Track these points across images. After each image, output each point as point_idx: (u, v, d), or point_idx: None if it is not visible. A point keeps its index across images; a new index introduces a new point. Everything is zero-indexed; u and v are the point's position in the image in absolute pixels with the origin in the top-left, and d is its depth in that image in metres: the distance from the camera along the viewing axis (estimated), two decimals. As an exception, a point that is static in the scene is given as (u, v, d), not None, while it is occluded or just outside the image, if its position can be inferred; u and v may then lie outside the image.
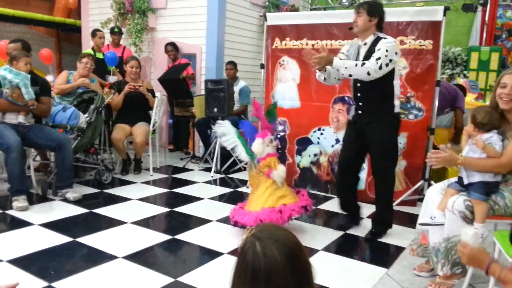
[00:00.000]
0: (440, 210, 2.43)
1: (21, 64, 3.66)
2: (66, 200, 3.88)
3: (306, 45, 4.59)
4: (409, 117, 4.17)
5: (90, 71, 4.79)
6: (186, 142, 6.58)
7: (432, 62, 4.07)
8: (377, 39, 3.04)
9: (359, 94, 3.19)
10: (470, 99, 5.41)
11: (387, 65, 2.94)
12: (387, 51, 2.93)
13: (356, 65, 2.95)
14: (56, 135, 3.91)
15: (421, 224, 2.60)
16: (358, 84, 3.15)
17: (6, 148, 3.54)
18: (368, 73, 2.93)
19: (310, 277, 1.05)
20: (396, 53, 3.01)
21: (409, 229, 3.43)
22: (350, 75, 3.01)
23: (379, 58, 2.91)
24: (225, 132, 3.34)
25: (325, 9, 7.89)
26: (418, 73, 4.13)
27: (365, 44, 3.11)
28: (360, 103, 3.21)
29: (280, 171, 3.24)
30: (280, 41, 4.80)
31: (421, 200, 3.14)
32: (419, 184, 4.12)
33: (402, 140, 4.18)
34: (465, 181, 2.42)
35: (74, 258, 2.77)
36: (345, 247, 3.18)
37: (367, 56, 3.03)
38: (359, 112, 3.23)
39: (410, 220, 3.65)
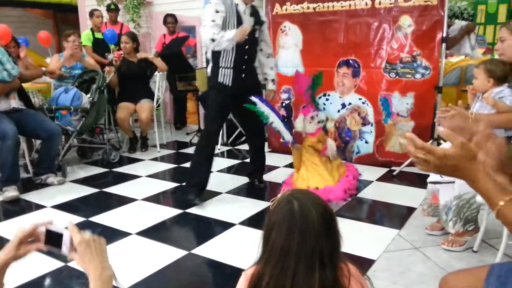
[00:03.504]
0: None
1: None
2: (75, 181, 3.91)
3: (307, 9, 4.48)
4: (415, 77, 4.08)
5: (80, 49, 4.66)
6: (184, 118, 6.56)
7: (438, 18, 3.95)
8: (253, 8, 3.34)
9: (244, 67, 3.33)
10: (477, 54, 5.28)
11: None
12: None
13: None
14: (48, 125, 3.77)
15: (430, 182, 2.58)
16: (246, 57, 3.31)
17: (2, 136, 3.44)
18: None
19: (340, 246, 1.06)
20: None
21: (419, 189, 3.41)
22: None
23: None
24: (265, 116, 3.18)
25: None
26: (424, 30, 4.01)
27: (246, 12, 3.26)
28: (245, 67, 3.33)
29: (332, 145, 3.23)
30: (280, 6, 4.67)
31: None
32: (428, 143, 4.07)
33: (409, 100, 4.11)
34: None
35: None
36: (356, 210, 3.19)
37: (257, 22, 3.32)
38: (243, 76, 3.33)
39: (420, 181, 3.62)
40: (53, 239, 1.02)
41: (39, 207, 3.30)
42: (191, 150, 5.11)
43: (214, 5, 3.14)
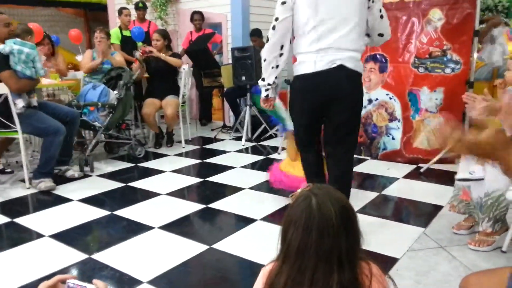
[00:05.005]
0: (479, 165, 2.31)
1: (33, 39, 3.61)
2: (102, 175, 3.99)
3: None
4: (445, 71, 3.96)
5: (103, 44, 4.69)
6: (209, 114, 6.60)
7: (470, 11, 3.81)
8: None
9: None
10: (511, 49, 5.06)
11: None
12: None
13: None
14: (68, 109, 3.93)
15: (459, 180, 2.49)
16: None
17: (56, 131, 3.59)
18: None
19: (359, 244, 1.03)
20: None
21: (447, 187, 3.30)
22: None
23: None
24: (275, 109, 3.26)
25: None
26: (455, 23, 3.88)
27: None
28: None
29: None
30: (305, 1, 4.61)
31: (459, 157, 3.00)
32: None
33: (438, 96, 3.99)
34: (508, 133, 2.27)
35: (112, 230, 2.85)
36: (380, 207, 3.12)
37: None
38: None
39: (448, 178, 3.52)
40: None
41: (66, 200, 3.38)
42: (215, 146, 5.15)
43: None
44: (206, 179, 3.84)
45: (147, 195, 3.47)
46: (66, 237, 2.71)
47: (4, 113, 3.49)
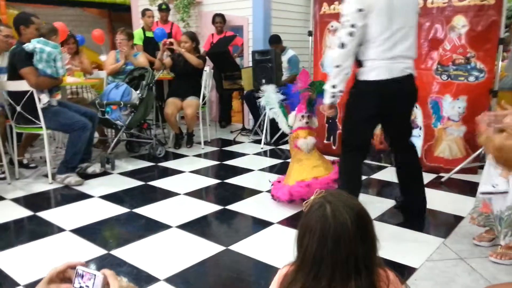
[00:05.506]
0: (503, 177, 2.26)
1: (58, 39, 3.71)
2: (122, 173, 4.05)
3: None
4: (469, 79, 3.90)
5: (124, 45, 4.76)
6: (229, 116, 6.63)
7: (495, 18, 3.75)
8: None
9: None
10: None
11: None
12: None
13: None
14: (86, 109, 4.03)
15: (482, 193, 2.44)
16: None
17: (83, 127, 3.68)
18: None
19: (376, 250, 1.02)
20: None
21: (469, 197, 3.25)
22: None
23: None
24: (268, 102, 3.38)
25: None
26: (479, 31, 3.82)
27: None
28: None
29: (307, 139, 3.25)
30: (328, 5, 4.61)
31: (482, 167, 2.95)
32: (480, 150, 3.88)
33: (461, 104, 3.93)
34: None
35: (131, 227, 2.89)
36: (399, 216, 3.08)
37: None
38: None
39: (470, 188, 3.46)
40: (84, 280, 0.97)
41: (87, 196, 3.44)
42: (234, 148, 5.17)
43: None
44: (224, 180, 3.87)
45: (166, 194, 3.51)
46: (86, 232, 2.76)
47: (30, 109, 3.59)
